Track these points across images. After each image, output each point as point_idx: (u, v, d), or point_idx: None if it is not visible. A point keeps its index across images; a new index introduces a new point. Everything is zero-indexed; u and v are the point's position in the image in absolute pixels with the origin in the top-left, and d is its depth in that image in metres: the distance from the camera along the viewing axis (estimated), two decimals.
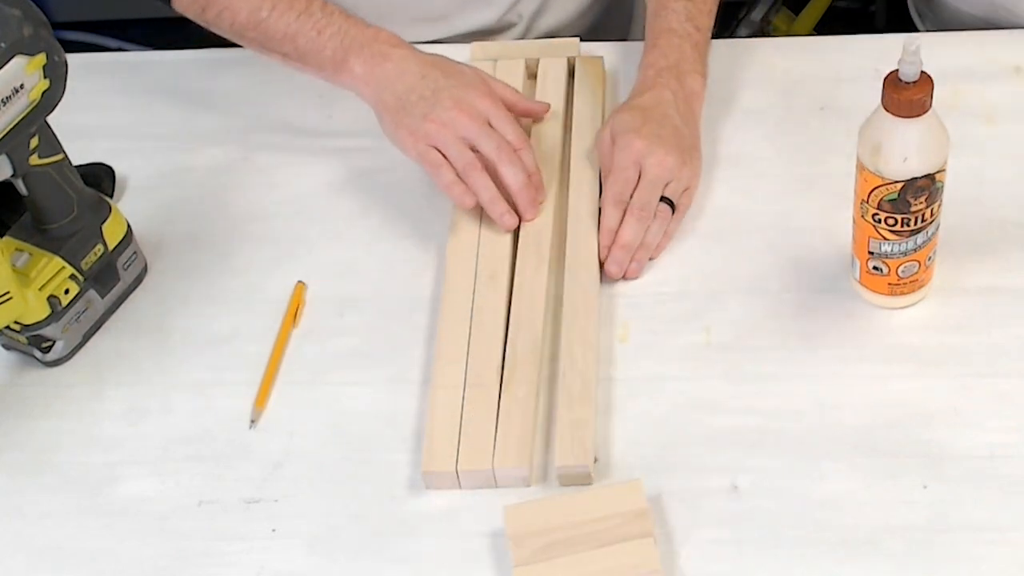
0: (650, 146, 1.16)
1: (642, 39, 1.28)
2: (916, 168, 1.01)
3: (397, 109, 1.19)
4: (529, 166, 1.18)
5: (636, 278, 1.17)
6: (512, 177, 1.17)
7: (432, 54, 1.22)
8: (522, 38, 1.43)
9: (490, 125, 1.18)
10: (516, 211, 1.18)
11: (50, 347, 1.14)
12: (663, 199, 1.17)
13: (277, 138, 1.30)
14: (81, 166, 1.18)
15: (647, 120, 1.18)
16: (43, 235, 1.12)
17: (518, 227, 1.18)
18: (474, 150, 1.17)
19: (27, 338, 1.13)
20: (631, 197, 1.16)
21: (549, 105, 1.26)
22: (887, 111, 0.99)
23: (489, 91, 1.20)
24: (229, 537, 1.03)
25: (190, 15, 1.27)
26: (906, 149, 1.00)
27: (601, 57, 1.33)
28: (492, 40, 1.41)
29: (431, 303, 1.16)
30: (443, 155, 1.17)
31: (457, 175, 1.17)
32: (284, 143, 1.29)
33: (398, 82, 1.19)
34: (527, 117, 1.25)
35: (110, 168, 1.28)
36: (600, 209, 1.18)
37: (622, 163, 1.16)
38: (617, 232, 1.16)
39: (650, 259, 1.18)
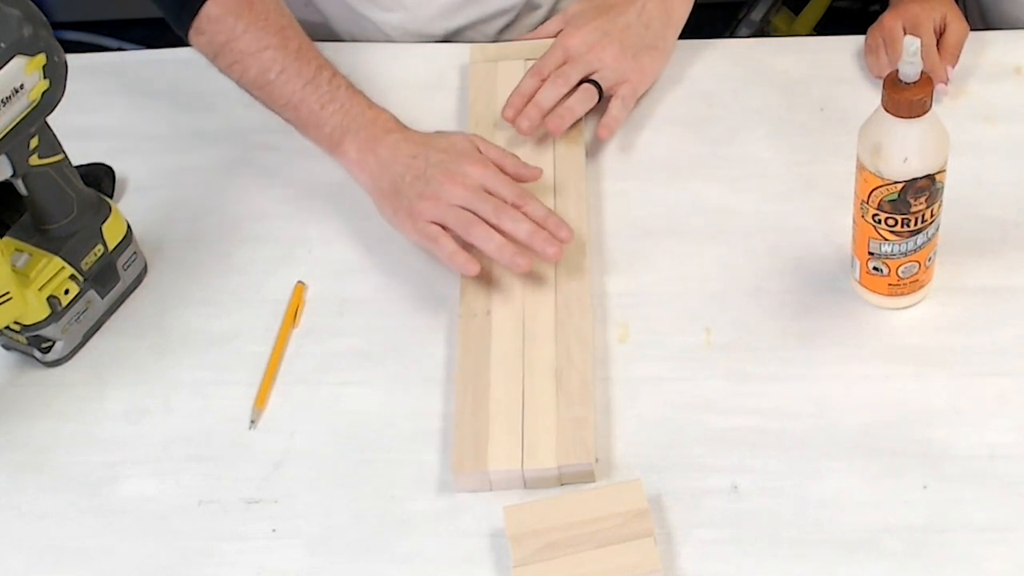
0: (586, 38, 1.19)
1: None
2: (916, 168, 1.01)
3: (392, 193, 1.16)
4: (537, 216, 1.13)
5: (559, 133, 1.20)
6: (516, 230, 1.12)
7: (424, 133, 1.19)
8: (545, 21, 1.40)
9: (487, 191, 1.14)
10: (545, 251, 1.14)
11: (50, 347, 1.14)
12: (590, 81, 1.18)
13: (277, 138, 1.29)
14: (81, 166, 1.18)
15: (598, 15, 1.21)
16: (43, 235, 1.12)
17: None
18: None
19: (27, 338, 1.13)
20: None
21: (541, 171, 1.18)
22: (887, 111, 0.99)
23: (481, 158, 1.16)
24: (229, 537, 1.03)
25: (206, 56, 1.23)
26: (906, 149, 1.00)
27: None
28: (515, 23, 1.41)
29: (431, 303, 1.16)
30: (443, 227, 1.14)
31: (457, 246, 1.13)
32: (284, 143, 1.29)
33: (392, 165, 1.16)
34: (519, 181, 1.18)
35: (110, 168, 1.28)
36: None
37: (555, 46, 1.20)
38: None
39: (600, 137, 1.21)
